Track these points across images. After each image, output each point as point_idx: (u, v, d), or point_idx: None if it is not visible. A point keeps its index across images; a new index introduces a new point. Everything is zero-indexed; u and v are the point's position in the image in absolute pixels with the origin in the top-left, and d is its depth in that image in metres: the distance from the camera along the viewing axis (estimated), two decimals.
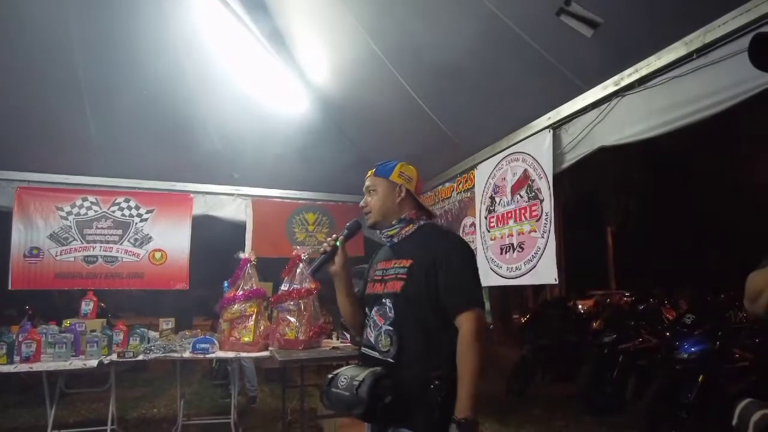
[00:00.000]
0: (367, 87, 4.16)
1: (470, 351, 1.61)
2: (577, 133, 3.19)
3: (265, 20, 3.93)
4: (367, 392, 1.57)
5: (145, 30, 3.79)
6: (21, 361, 3.70)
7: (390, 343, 1.72)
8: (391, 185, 1.89)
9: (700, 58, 2.37)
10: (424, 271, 1.72)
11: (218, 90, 4.33)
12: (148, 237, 5.24)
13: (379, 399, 1.58)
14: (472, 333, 1.62)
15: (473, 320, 1.64)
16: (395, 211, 1.88)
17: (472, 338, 1.61)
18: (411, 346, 1.69)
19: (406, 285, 1.73)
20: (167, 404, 5.97)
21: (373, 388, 1.58)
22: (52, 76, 3.94)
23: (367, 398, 1.56)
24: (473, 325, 1.63)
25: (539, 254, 3.35)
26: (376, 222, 1.91)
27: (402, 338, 1.71)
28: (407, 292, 1.72)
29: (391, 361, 1.71)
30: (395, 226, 1.88)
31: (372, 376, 1.60)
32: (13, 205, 4.81)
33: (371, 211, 1.91)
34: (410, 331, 1.71)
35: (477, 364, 1.59)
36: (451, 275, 1.70)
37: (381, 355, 1.75)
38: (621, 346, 5.50)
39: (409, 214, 1.88)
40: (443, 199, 4.99)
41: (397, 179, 1.89)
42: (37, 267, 4.85)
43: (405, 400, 1.62)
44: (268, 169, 5.28)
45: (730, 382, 4.27)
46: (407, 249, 1.83)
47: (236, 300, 4.21)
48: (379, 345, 1.76)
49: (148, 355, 4.08)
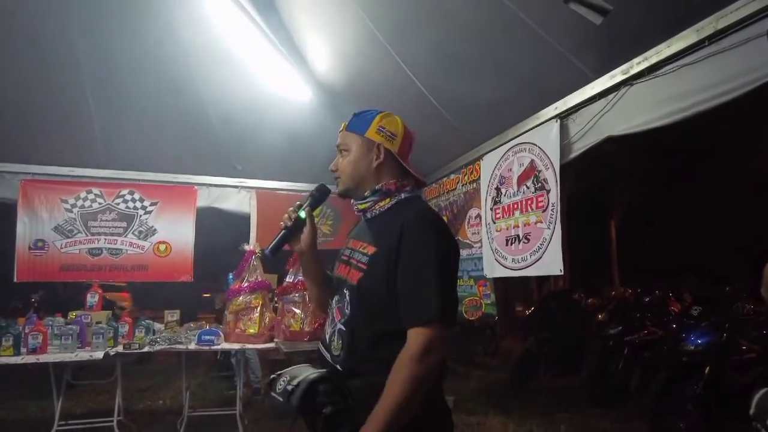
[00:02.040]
0: (370, 77, 4.12)
1: (400, 372, 1.24)
2: (585, 123, 3.15)
3: (269, 10, 3.90)
4: (298, 400, 1.28)
5: (148, 22, 3.77)
6: (28, 353, 3.71)
7: (341, 346, 1.41)
8: (367, 144, 1.49)
9: (712, 45, 2.33)
10: (385, 265, 1.35)
11: (222, 81, 4.31)
12: (152, 229, 5.24)
13: (315, 409, 1.28)
14: (413, 352, 1.25)
15: (419, 340, 1.25)
16: (370, 178, 1.49)
17: (410, 358, 1.24)
18: (360, 351, 1.37)
19: (363, 278, 1.39)
20: (172, 396, 6.00)
21: (306, 395, 1.28)
22: (55, 69, 3.93)
23: (297, 407, 1.28)
24: (418, 342, 1.25)
25: (545, 245, 3.32)
26: (347, 189, 1.53)
27: (352, 341, 1.39)
28: (363, 287, 1.39)
29: (338, 368, 1.41)
30: (368, 198, 1.49)
31: (307, 381, 1.30)
32: (18, 198, 4.81)
33: (340, 176, 1.53)
34: (362, 333, 1.37)
35: (404, 389, 1.22)
36: (407, 275, 1.32)
37: (331, 358, 1.45)
38: (626, 338, 5.49)
39: (387, 183, 1.48)
40: (448, 190, 4.97)
41: (375, 136, 1.49)
42: (43, 259, 4.87)
43: (351, 412, 1.29)
44: (271, 161, 5.26)
45: (737, 374, 4.26)
46: (376, 231, 1.46)
47: (241, 292, 4.22)
48: (331, 346, 1.46)
49: (154, 346, 4.09)
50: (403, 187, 1.50)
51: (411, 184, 1.54)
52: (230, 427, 4.45)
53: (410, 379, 1.23)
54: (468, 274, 4.55)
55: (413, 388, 1.22)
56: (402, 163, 1.51)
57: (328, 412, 1.27)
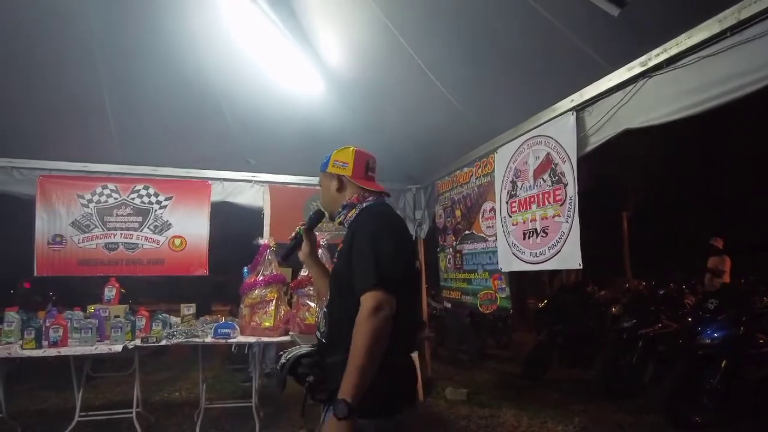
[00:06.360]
0: (383, 70, 4.10)
1: (358, 331, 1.53)
2: (602, 116, 3.12)
3: (281, 2, 3.88)
4: (286, 371, 1.67)
5: (163, 18, 3.77)
6: (49, 346, 3.79)
7: (324, 324, 1.80)
8: (327, 177, 1.97)
9: (734, 36, 2.29)
10: (346, 254, 1.76)
11: (235, 76, 4.31)
12: (167, 224, 5.28)
13: (302, 378, 1.67)
14: (366, 312, 1.54)
15: (369, 300, 1.57)
16: (337, 199, 1.94)
17: (363, 317, 1.54)
18: (336, 328, 1.72)
19: (335, 267, 1.86)
20: (189, 388, 6.10)
21: (293, 367, 1.67)
22: (72, 67, 3.95)
23: (284, 376, 1.67)
24: (367, 305, 1.56)
25: (563, 239, 3.30)
26: (331, 213, 2.01)
27: (331, 320, 1.77)
28: (334, 273, 1.85)
29: (324, 341, 1.78)
30: (341, 213, 1.93)
31: (294, 357, 1.70)
32: (36, 194, 4.88)
33: (323, 206, 2.06)
34: (336, 312, 1.76)
35: (364, 343, 1.51)
36: (358, 257, 1.69)
37: (319, 335, 1.83)
38: (640, 331, 5.47)
39: (350, 199, 1.91)
40: (462, 184, 4.96)
41: (333, 169, 1.96)
42: (61, 254, 4.93)
43: (327, 381, 1.65)
44: (284, 156, 5.27)
45: (754, 368, 4.24)
46: (347, 233, 1.88)
47: (256, 285, 4.25)
48: (319, 326, 1.85)
49: (171, 340, 4.14)
50: (364, 199, 1.91)
51: (372, 195, 1.93)
52: (246, 419, 4.51)
53: (368, 334, 1.51)
54: (483, 268, 4.54)
55: (372, 341, 1.51)
56: (356, 183, 1.92)
57: (311, 381, 1.67)
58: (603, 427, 4.64)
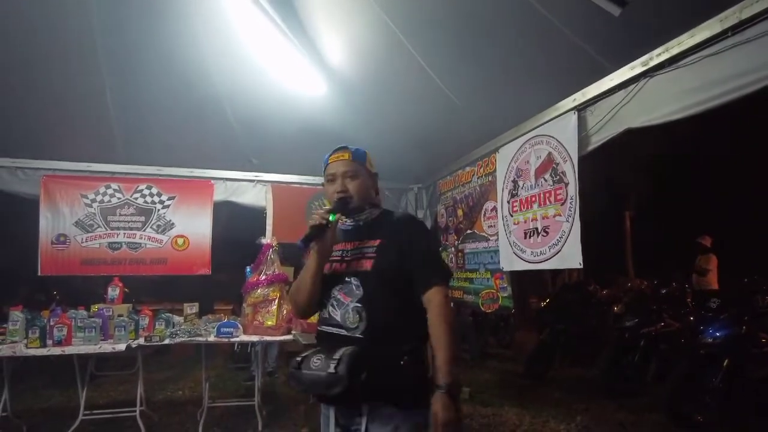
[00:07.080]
0: (385, 69, 4.11)
1: (444, 320, 1.69)
2: (603, 115, 3.13)
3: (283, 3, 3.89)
4: (346, 369, 1.58)
5: (166, 19, 3.78)
6: (53, 345, 3.81)
7: (359, 319, 1.75)
8: (368, 172, 1.95)
9: (736, 35, 2.29)
10: (396, 250, 1.78)
11: (237, 76, 4.32)
12: (170, 223, 5.31)
13: (356, 376, 1.60)
14: (443, 304, 1.72)
15: (443, 293, 1.74)
16: (370, 195, 1.94)
17: (444, 308, 1.71)
18: (381, 321, 1.73)
19: (376, 263, 1.78)
20: (192, 386, 6.12)
21: (353, 365, 1.59)
22: (76, 66, 3.97)
23: (347, 375, 1.57)
24: (443, 298, 1.73)
25: (564, 238, 3.32)
26: (360, 206, 1.89)
27: (371, 314, 1.73)
28: (378, 269, 1.77)
29: (359, 336, 1.73)
30: (366, 211, 1.92)
31: (350, 354, 1.62)
32: (40, 194, 4.90)
33: (353, 196, 1.86)
34: (380, 307, 1.74)
35: (450, 330, 1.68)
36: (426, 255, 1.82)
37: (348, 331, 1.75)
38: (643, 330, 5.47)
39: (376, 199, 1.99)
40: (463, 183, 4.96)
41: (371, 167, 1.97)
42: (65, 254, 4.97)
43: (378, 375, 1.63)
44: (287, 155, 5.28)
45: (756, 367, 4.24)
46: (375, 231, 1.87)
47: (259, 284, 4.27)
48: (346, 322, 1.77)
49: (174, 339, 4.17)
50: (380, 202, 2.03)
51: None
52: (249, 417, 4.53)
53: (449, 321, 1.70)
54: (484, 267, 4.55)
55: (453, 327, 1.70)
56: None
57: (364, 378, 1.59)
58: (605, 426, 4.65)
